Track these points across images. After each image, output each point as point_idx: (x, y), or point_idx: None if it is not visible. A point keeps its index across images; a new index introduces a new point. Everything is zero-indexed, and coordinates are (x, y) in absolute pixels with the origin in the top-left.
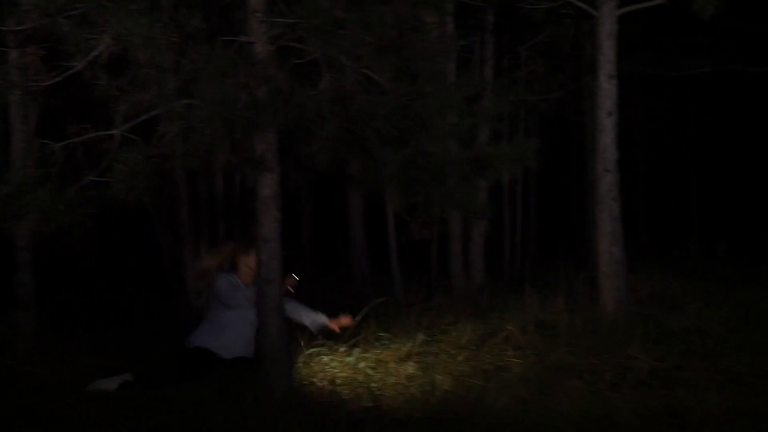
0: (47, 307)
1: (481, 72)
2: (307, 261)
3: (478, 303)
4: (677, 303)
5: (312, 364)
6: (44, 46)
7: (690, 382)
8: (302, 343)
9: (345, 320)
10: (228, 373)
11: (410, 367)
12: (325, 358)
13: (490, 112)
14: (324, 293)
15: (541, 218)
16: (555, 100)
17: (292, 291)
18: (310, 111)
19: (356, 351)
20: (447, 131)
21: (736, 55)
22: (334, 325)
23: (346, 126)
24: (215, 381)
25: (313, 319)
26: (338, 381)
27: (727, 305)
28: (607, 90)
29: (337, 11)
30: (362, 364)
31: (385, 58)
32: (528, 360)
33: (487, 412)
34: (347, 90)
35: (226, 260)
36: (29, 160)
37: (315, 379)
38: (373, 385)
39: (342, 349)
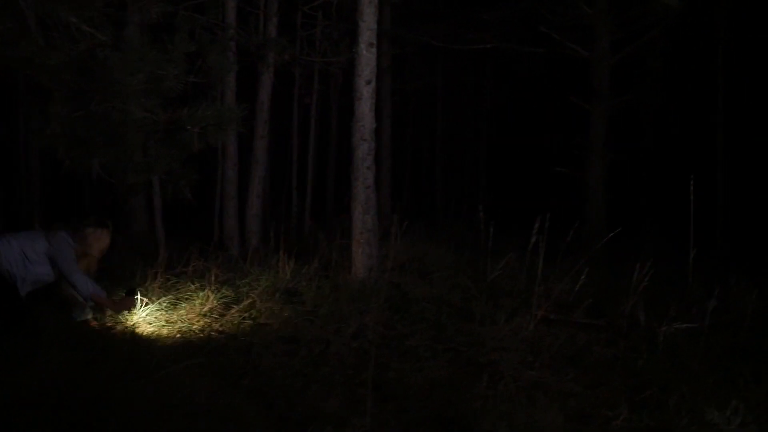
0: None
1: (265, 29)
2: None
3: (236, 268)
4: (428, 272)
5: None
6: None
7: (409, 352)
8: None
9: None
10: None
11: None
12: None
13: (217, 70)
14: None
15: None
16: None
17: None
18: None
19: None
20: (134, 90)
21: (516, 34)
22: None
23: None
24: None
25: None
26: None
27: (472, 275)
28: (366, 58)
29: None
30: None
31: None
32: (260, 329)
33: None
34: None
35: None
36: None
37: None
38: None
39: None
